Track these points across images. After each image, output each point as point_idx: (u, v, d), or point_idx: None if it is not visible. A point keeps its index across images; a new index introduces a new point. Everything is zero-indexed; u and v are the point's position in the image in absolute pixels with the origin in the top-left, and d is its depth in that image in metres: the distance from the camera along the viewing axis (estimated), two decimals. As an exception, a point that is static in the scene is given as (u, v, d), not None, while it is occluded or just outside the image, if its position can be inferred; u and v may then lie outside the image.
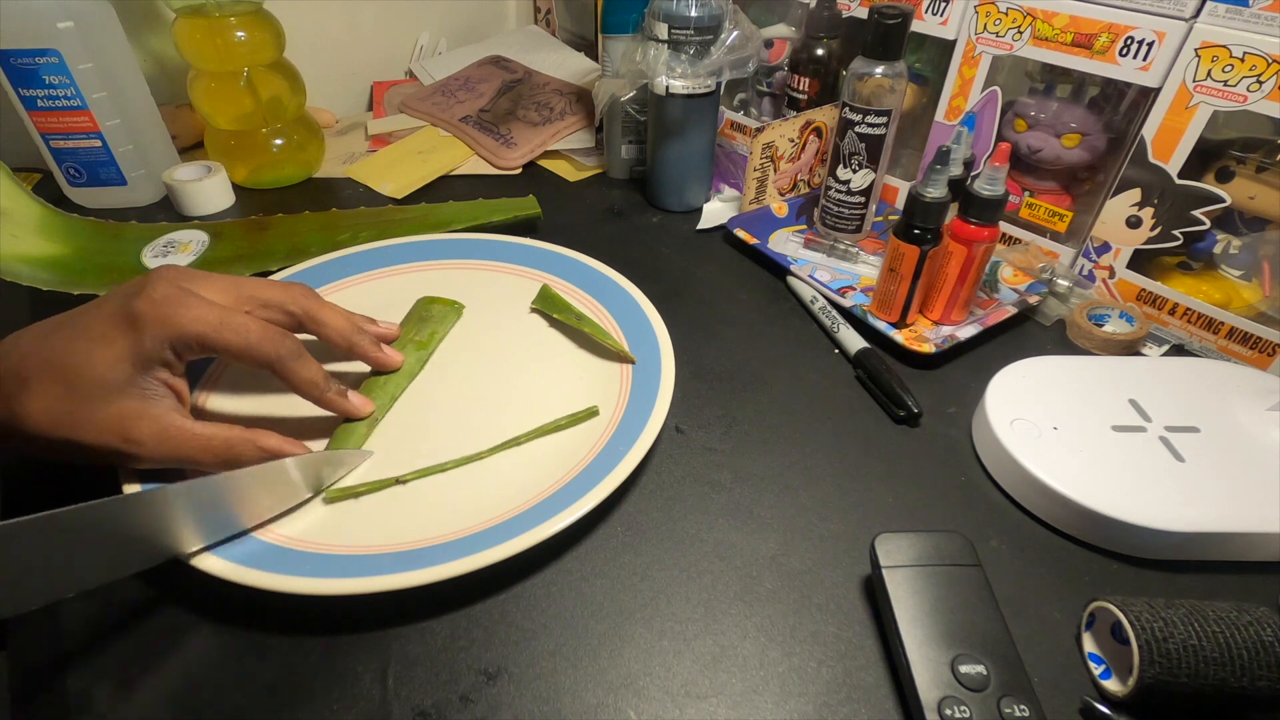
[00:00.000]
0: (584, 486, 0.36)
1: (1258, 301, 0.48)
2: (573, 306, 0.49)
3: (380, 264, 0.53)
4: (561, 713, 0.30)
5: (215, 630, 0.32)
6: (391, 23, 0.87)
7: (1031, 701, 0.28)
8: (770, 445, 0.43)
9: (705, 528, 0.38)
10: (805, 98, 0.65)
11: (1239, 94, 0.43)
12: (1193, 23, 0.44)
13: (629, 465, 0.37)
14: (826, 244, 0.59)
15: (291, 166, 0.69)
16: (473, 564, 0.32)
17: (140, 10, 0.69)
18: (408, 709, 0.30)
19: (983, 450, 0.42)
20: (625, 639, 0.33)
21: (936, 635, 0.30)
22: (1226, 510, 0.36)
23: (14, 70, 0.55)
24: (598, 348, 0.47)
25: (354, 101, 0.87)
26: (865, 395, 0.46)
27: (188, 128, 0.72)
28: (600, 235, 0.63)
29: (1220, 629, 0.29)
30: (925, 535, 0.34)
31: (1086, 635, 0.32)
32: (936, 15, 0.55)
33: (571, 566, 0.36)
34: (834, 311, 0.52)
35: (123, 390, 0.32)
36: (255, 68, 0.63)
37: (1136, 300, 0.52)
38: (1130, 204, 0.50)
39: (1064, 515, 0.37)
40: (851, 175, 0.57)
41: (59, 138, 0.59)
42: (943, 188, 0.45)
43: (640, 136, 0.69)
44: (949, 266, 0.48)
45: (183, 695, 0.30)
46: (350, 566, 0.32)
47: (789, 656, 0.32)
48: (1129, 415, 0.41)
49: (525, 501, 0.36)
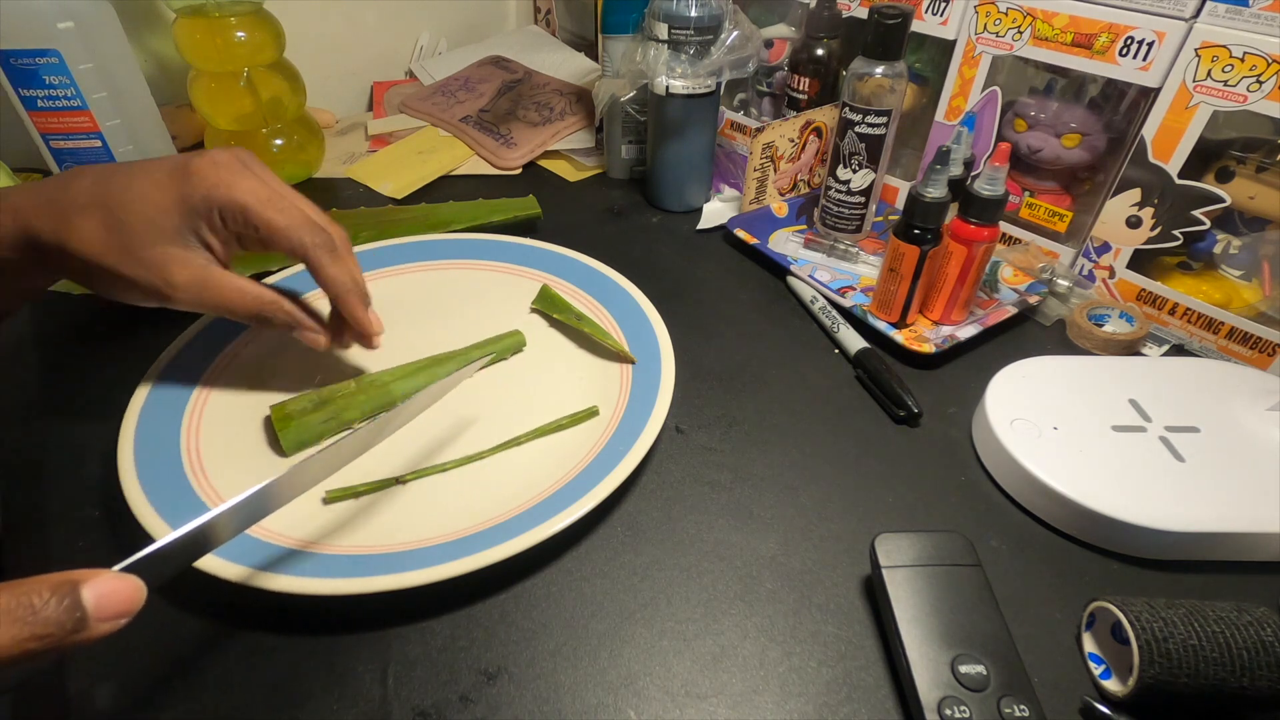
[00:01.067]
0: (584, 487, 0.36)
1: (1258, 301, 0.48)
2: (573, 306, 0.49)
3: (380, 264, 0.53)
4: (561, 713, 0.30)
5: (215, 630, 0.32)
6: (391, 23, 0.87)
7: (1031, 701, 0.28)
8: (770, 445, 0.43)
9: (705, 528, 0.38)
10: (805, 98, 0.65)
11: (1239, 94, 0.43)
12: (1193, 23, 0.44)
13: (629, 466, 0.37)
14: (826, 244, 0.59)
15: (291, 167, 0.69)
16: (473, 564, 0.32)
17: (140, 10, 0.69)
18: (408, 709, 0.30)
19: (983, 450, 0.42)
20: (625, 639, 0.33)
21: (936, 635, 0.30)
22: (1226, 510, 0.36)
23: (14, 70, 0.55)
24: (598, 348, 0.47)
25: (354, 101, 0.87)
26: (865, 395, 0.46)
27: (188, 128, 0.72)
28: (600, 235, 0.63)
29: (1220, 629, 0.29)
30: (925, 535, 0.34)
31: (1086, 635, 0.32)
32: (936, 15, 0.55)
33: (571, 566, 0.36)
34: (834, 311, 0.52)
35: (169, 236, 0.34)
36: (255, 68, 0.63)
37: (1136, 300, 0.52)
38: (1130, 204, 0.50)
39: (1064, 515, 0.37)
40: (851, 175, 0.57)
41: (59, 138, 0.59)
42: (943, 188, 0.45)
43: (640, 136, 0.69)
44: (949, 266, 0.48)
45: (183, 695, 0.30)
46: (350, 566, 0.32)
47: (789, 656, 0.32)
48: (1129, 415, 0.41)
49: (525, 502, 0.36)
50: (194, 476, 0.37)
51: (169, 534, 0.25)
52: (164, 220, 0.33)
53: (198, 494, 0.36)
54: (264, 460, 0.39)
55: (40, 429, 0.42)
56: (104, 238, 0.33)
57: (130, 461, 0.36)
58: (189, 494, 0.36)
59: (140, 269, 0.33)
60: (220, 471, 0.38)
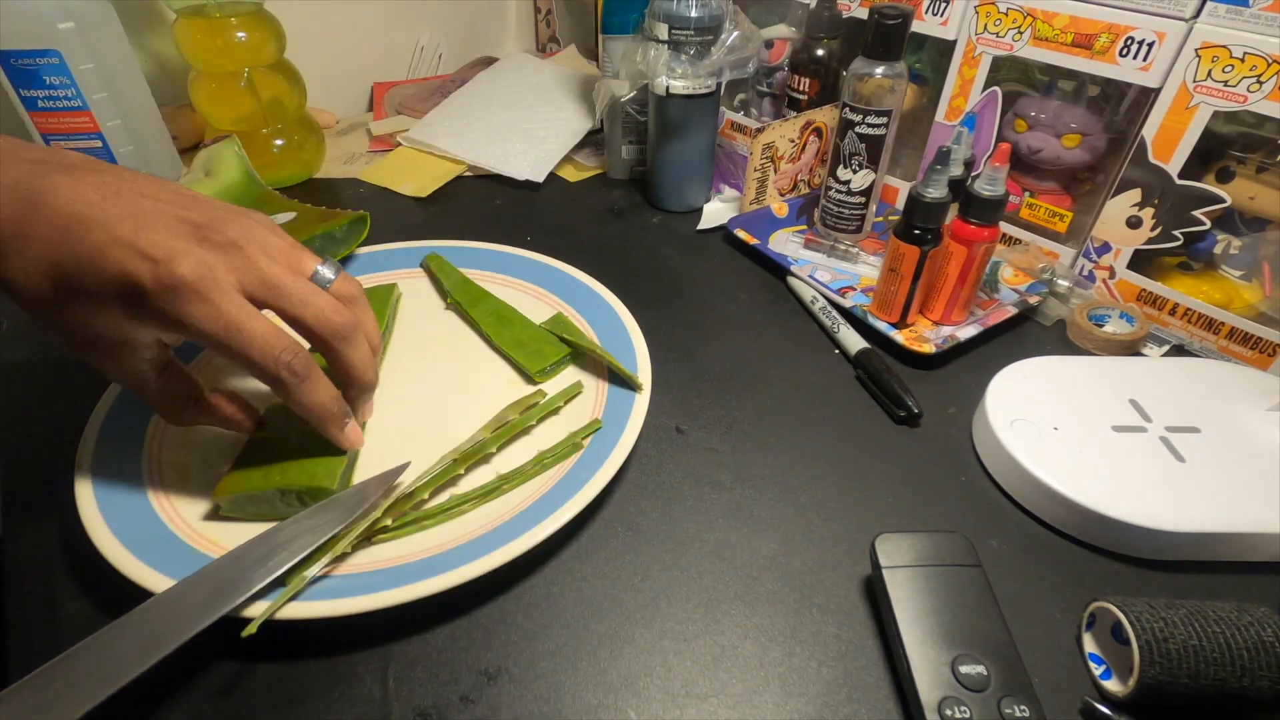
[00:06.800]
0: (572, 488, 0.36)
1: (1258, 302, 0.48)
2: (585, 335, 0.47)
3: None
4: (561, 713, 0.30)
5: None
6: (391, 23, 0.87)
7: (1032, 702, 0.28)
8: (770, 445, 0.43)
9: (705, 528, 0.38)
10: (805, 98, 0.65)
11: (1239, 94, 0.43)
12: (1193, 23, 0.44)
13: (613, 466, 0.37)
14: (827, 244, 0.59)
15: (292, 167, 0.69)
16: (470, 573, 0.32)
17: (141, 11, 0.69)
18: (408, 709, 0.30)
19: (983, 450, 0.42)
20: (625, 639, 0.33)
21: (937, 635, 0.30)
22: (1227, 510, 0.36)
23: (15, 71, 0.55)
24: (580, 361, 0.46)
25: (354, 102, 0.87)
26: (865, 395, 0.46)
27: (188, 128, 0.72)
28: (600, 235, 0.63)
29: (1221, 629, 0.29)
30: (925, 535, 0.33)
31: (1087, 635, 0.32)
32: (936, 15, 0.55)
33: (571, 566, 0.36)
34: (834, 312, 0.52)
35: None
36: (256, 68, 0.63)
37: (1137, 300, 0.52)
38: (1130, 204, 0.50)
39: (1064, 515, 0.37)
40: (852, 175, 0.57)
41: (60, 138, 0.59)
42: (943, 188, 0.45)
43: (640, 137, 0.69)
44: (949, 267, 0.48)
45: (183, 696, 0.30)
46: (344, 587, 0.32)
47: (789, 657, 0.32)
48: (1129, 415, 0.41)
49: (516, 506, 0.36)
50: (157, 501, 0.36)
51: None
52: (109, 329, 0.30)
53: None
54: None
55: (41, 428, 0.42)
56: (96, 197, 0.28)
57: (91, 496, 0.35)
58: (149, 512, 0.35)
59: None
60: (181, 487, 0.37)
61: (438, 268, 0.52)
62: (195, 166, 0.62)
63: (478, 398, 0.42)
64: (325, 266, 0.34)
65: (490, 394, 0.43)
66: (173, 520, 0.35)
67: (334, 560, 0.32)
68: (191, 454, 0.39)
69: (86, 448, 0.37)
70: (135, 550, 0.32)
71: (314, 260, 0.33)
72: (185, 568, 0.31)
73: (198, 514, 0.36)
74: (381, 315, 0.46)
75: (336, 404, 0.34)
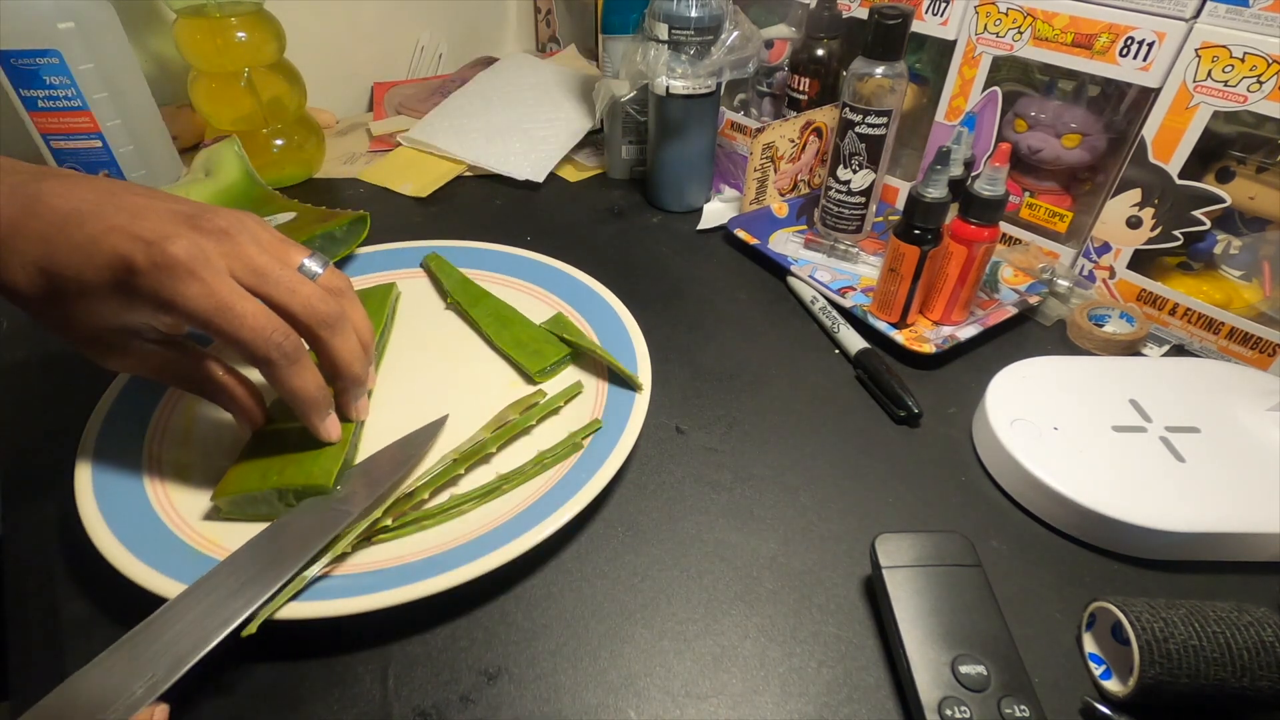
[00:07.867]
0: (572, 488, 0.36)
1: (1258, 302, 0.48)
2: (585, 335, 0.47)
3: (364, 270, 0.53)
4: (561, 713, 0.30)
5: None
6: (391, 23, 0.87)
7: (1032, 702, 0.28)
8: (770, 445, 0.43)
9: (705, 528, 0.38)
10: (805, 98, 0.65)
11: (1239, 94, 0.43)
12: (1193, 23, 0.44)
13: (613, 466, 0.37)
14: (827, 244, 0.59)
15: (292, 167, 0.69)
16: (470, 573, 0.32)
17: (141, 10, 0.69)
18: (408, 709, 0.30)
19: (983, 450, 0.42)
20: (625, 639, 0.33)
21: (937, 635, 0.30)
22: (1227, 510, 0.36)
23: (15, 71, 0.55)
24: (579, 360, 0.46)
25: (354, 102, 0.87)
26: (865, 395, 0.46)
27: (188, 128, 0.72)
28: (600, 235, 0.63)
29: (1221, 629, 0.29)
30: (925, 535, 0.33)
31: (1087, 635, 0.32)
32: (936, 15, 0.55)
33: (571, 566, 0.36)
34: (834, 312, 0.52)
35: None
36: (256, 68, 0.63)
37: (1137, 300, 0.52)
38: (1130, 204, 0.50)
39: (1064, 515, 0.37)
40: (852, 175, 0.57)
41: (60, 138, 0.59)
42: (943, 188, 0.45)
43: (640, 137, 0.69)
44: (949, 267, 0.48)
45: (183, 696, 0.30)
46: (344, 587, 0.32)
47: (789, 657, 0.32)
48: (1129, 415, 0.41)
49: (517, 506, 0.36)
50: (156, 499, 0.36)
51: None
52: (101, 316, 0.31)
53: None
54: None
55: (41, 428, 0.42)
56: (84, 209, 0.29)
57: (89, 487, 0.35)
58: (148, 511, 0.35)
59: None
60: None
61: (438, 268, 0.52)
62: (195, 166, 0.62)
63: (478, 398, 0.42)
64: (313, 260, 0.34)
65: (490, 394, 0.43)
66: (173, 520, 0.35)
67: (334, 560, 0.32)
68: (191, 453, 0.39)
69: (86, 448, 0.37)
70: (135, 550, 0.32)
71: (302, 253, 0.34)
72: (185, 567, 0.31)
73: (198, 514, 0.36)
74: (381, 315, 0.46)
75: (322, 392, 0.35)
